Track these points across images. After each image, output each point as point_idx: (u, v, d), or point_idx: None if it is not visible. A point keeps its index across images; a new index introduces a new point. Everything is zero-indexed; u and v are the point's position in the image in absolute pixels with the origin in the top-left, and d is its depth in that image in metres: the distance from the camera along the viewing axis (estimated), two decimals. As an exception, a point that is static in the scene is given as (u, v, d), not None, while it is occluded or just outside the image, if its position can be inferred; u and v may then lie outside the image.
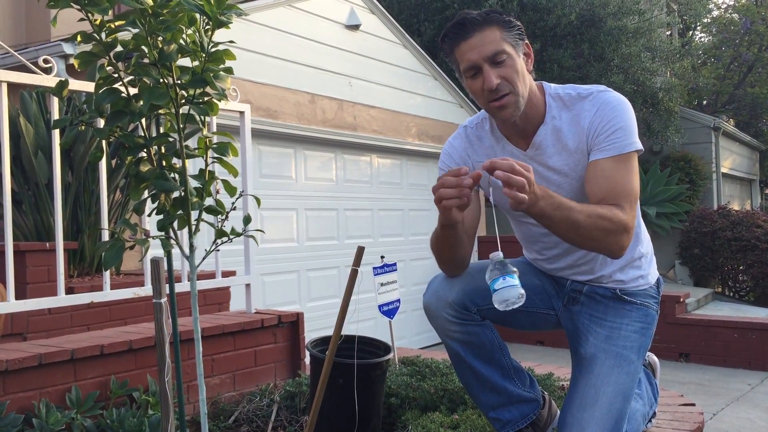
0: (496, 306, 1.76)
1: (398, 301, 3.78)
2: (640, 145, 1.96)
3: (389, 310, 3.72)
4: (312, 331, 4.22)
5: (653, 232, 10.82)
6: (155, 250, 2.90)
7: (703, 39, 19.88)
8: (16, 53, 2.90)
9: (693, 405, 3.06)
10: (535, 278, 2.28)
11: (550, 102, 2.03)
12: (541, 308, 2.27)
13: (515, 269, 1.77)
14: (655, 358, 2.62)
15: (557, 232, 1.88)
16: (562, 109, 2.02)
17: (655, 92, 10.12)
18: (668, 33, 13.61)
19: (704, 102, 17.89)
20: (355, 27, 7.17)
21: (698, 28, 19.21)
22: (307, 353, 2.94)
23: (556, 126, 2.02)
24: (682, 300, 7.83)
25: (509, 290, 1.73)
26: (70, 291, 3.52)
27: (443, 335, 2.23)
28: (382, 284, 3.69)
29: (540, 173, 2.05)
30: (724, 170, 13.00)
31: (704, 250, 10.51)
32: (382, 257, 3.78)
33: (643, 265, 2.21)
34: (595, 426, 2.00)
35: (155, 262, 1.92)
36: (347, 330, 2.48)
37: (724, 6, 20.23)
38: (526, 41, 2.00)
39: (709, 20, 18.91)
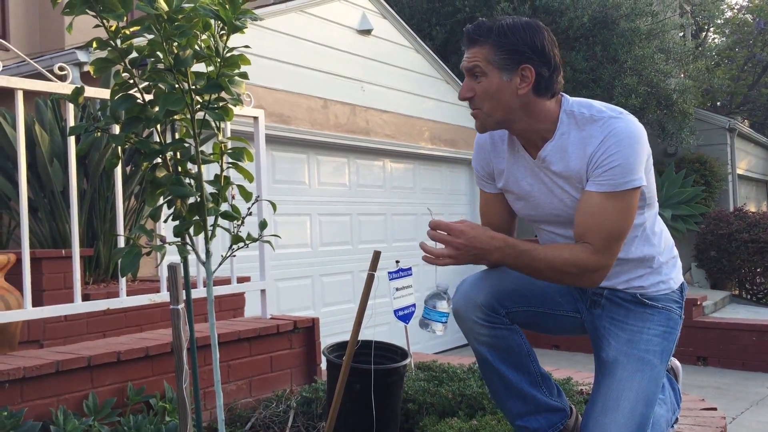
0: (419, 325, 2.05)
1: (413, 305, 3.76)
2: (639, 182, 1.93)
3: (404, 315, 3.70)
4: (326, 337, 4.21)
5: (668, 235, 10.71)
6: (171, 256, 2.90)
7: (716, 40, 19.76)
8: (32, 61, 2.91)
9: (715, 409, 3.02)
10: None
11: (563, 118, 2.02)
12: (567, 311, 2.26)
13: (448, 308, 2.05)
14: (678, 363, 2.58)
15: (524, 273, 2.03)
16: (573, 127, 2.01)
17: (669, 94, 10.05)
18: (681, 34, 13.53)
19: (718, 103, 17.77)
20: (367, 32, 7.17)
21: (711, 29, 19.10)
22: (324, 359, 2.92)
23: (562, 144, 2.01)
24: (699, 303, 7.76)
25: (435, 324, 2.05)
26: (85, 298, 3.52)
27: (472, 339, 2.22)
28: (397, 289, 3.67)
29: (546, 184, 2.08)
30: (739, 171, 12.89)
31: (721, 252, 10.42)
32: (397, 262, 3.76)
33: (663, 270, 2.18)
34: (618, 431, 1.98)
35: (173, 268, 1.91)
36: (362, 335, 2.47)
37: (738, 7, 20.10)
38: (529, 65, 1.94)
39: (722, 21, 18.80)
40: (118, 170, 3.00)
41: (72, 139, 2.83)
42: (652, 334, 2.11)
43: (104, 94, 2.74)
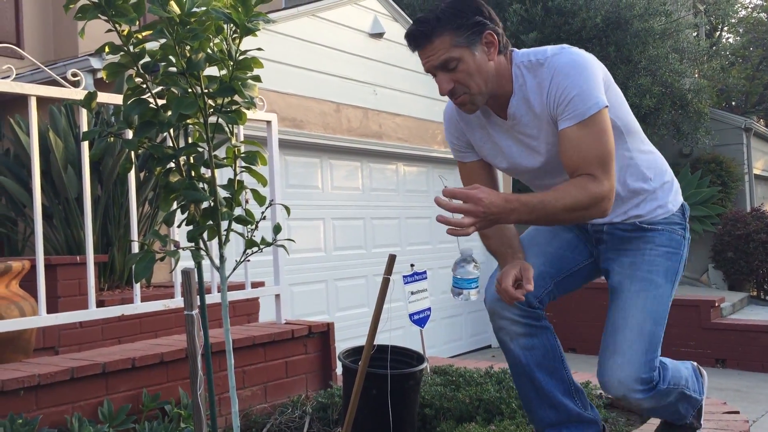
0: (452, 294, 2.09)
1: (429, 309, 3.73)
2: (602, 103, 1.93)
3: (420, 319, 3.67)
4: (341, 341, 4.16)
5: (685, 236, 10.60)
6: (185, 261, 2.89)
7: (730, 39, 19.61)
8: (45, 68, 2.91)
9: (737, 413, 2.97)
10: (567, 232, 2.29)
11: (516, 72, 2.05)
12: (582, 262, 2.28)
13: (476, 272, 2.07)
14: (703, 371, 2.54)
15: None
16: (527, 76, 2.04)
17: (684, 94, 9.97)
18: (695, 34, 13.43)
19: (733, 103, 17.63)
20: (378, 35, 7.15)
21: (725, 28, 18.95)
22: (339, 363, 2.90)
23: (524, 95, 2.04)
24: (717, 305, 7.68)
25: (468, 291, 2.07)
26: (100, 304, 3.51)
27: (507, 338, 2.21)
28: (412, 293, 3.65)
29: (521, 141, 2.10)
30: (756, 171, 12.76)
31: (738, 253, 10.32)
32: (412, 265, 3.74)
33: (659, 196, 2.19)
34: (628, 347, 2.04)
35: (187, 274, 1.89)
36: (378, 339, 2.44)
37: (752, 6, 19.93)
38: (489, 30, 1.99)
39: (736, 20, 18.65)
40: (132, 175, 3.00)
41: (85, 145, 2.82)
42: (654, 255, 2.14)
43: (117, 99, 2.74)
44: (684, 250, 2.21)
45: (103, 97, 2.75)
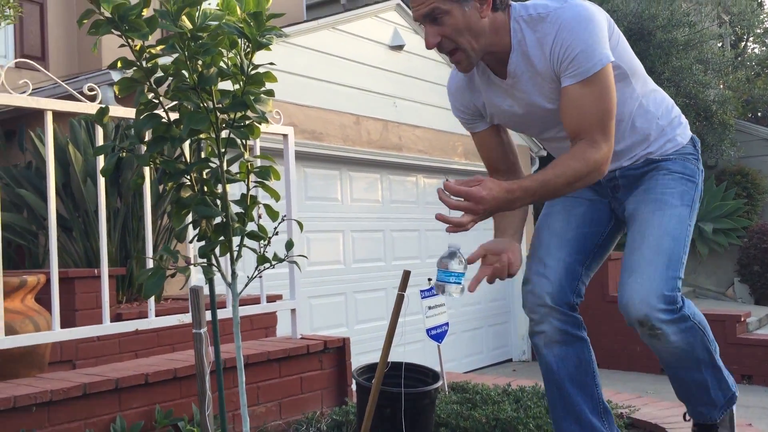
0: (435, 290, 2.03)
1: (446, 324, 3.68)
2: (606, 60, 1.88)
3: (437, 334, 3.62)
4: (360, 354, 4.13)
5: (710, 249, 10.46)
6: (200, 275, 2.87)
7: (755, 50, 19.36)
8: (62, 82, 2.93)
9: (763, 434, 2.88)
10: (579, 206, 2.25)
11: (514, 26, 1.99)
12: (607, 228, 2.26)
13: (461, 268, 2.02)
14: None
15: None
16: (526, 31, 1.98)
17: (709, 105, 9.85)
18: (720, 45, 13.27)
19: (759, 114, 17.36)
20: (398, 47, 7.14)
21: (750, 38, 18.71)
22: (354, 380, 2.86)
23: (523, 51, 1.99)
24: (743, 319, 7.53)
25: (449, 286, 2.01)
26: (118, 317, 3.51)
27: (541, 343, 2.17)
28: (429, 307, 3.60)
29: (523, 99, 2.05)
30: (783, 183, 12.55)
31: (765, 266, 10.14)
32: (430, 279, 3.69)
33: (667, 132, 2.17)
34: (647, 264, 1.98)
35: (195, 291, 1.87)
36: (394, 353, 2.41)
37: (778, 16, 19.64)
38: None
39: (761, 31, 18.41)
40: (147, 190, 2.99)
41: (101, 159, 2.82)
42: (668, 179, 2.12)
43: (131, 113, 2.74)
44: (699, 180, 2.17)
45: (119, 111, 2.75)
